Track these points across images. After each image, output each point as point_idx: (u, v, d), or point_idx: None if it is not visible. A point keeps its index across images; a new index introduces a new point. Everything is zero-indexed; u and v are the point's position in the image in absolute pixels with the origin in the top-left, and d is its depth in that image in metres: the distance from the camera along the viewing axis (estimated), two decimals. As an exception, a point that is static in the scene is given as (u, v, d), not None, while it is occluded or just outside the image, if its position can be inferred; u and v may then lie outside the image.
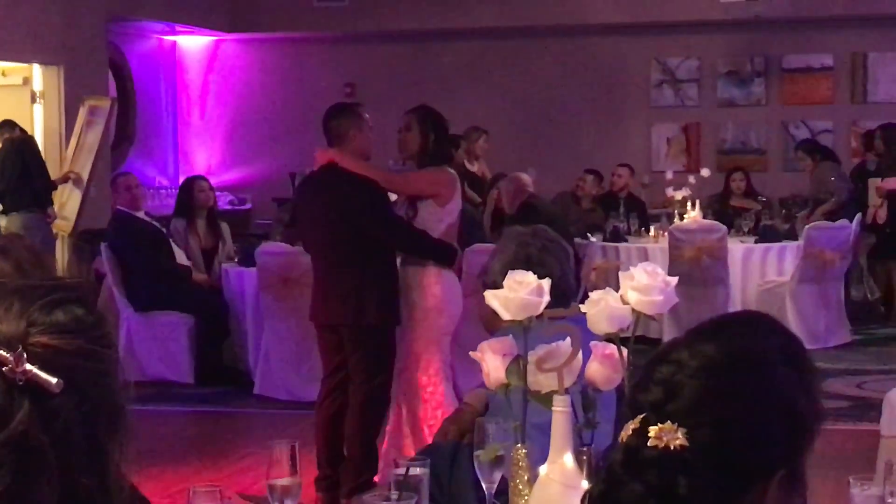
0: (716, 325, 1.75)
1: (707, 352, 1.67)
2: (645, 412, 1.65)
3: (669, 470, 1.61)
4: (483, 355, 2.68)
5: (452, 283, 6.48)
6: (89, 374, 1.52)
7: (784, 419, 1.65)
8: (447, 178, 6.42)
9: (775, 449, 1.64)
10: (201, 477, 6.87)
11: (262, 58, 16.39)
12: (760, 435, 1.64)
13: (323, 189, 6.45)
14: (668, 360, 1.68)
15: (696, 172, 13.23)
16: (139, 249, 9.74)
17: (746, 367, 1.66)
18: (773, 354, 1.68)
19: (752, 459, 1.63)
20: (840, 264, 11.00)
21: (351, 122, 6.44)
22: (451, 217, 6.42)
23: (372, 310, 6.28)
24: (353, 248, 6.32)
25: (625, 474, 1.64)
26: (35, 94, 12.98)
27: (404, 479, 2.75)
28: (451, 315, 6.43)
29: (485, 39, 15.49)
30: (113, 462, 1.54)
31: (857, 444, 7.40)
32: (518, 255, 3.67)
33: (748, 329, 1.72)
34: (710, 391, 1.64)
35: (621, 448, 1.66)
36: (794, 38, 15.05)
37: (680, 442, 1.61)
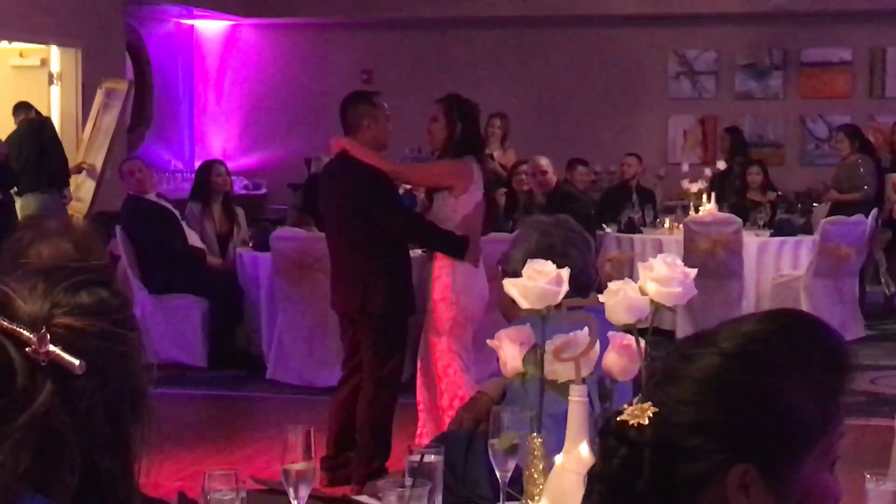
0: (749, 319, 1.72)
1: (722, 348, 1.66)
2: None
3: (638, 444, 1.62)
4: (501, 343, 2.68)
5: (467, 273, 6.38)
6: (112, 356, 1.53)
7: (765, 419, 1.62)
8: (461, 168, 6.34)
9: (733, 443, 1.62)
10: (213, 460, 6.88)
11: (279, 43, 16.39)
12: (712, 424, 1.62)
13: (335, 177, 6.51)
14: (691, 348, 1.68)
15: (712, 165, 13.23)
16: (151, 232, 9.76)
17: (745, 365, 1.64)
18: (790, 358, 1.65)
19: (695, 444, 1.62)
20: (855, 259, 10.98)
21: (365, 112, 6.43)
22: (467, 208, 6.35)
23: (378, 298, 6.30)
24: (360, 237, 6.36)
25: (608, 453, 1.67)
26: (53, 76, 13.00)
27: (419, 466, 2.75)
28: (465, 306, 6.36)
29: (503, 28, 15.47)
30: (135, 446, 1.53)
31: (871, 440, 7.37)
32: (541, 245, 3.66)
33: (777, 328, 1.70)
34: (698, 383, 1.64)
35: (607, 423, 1.69)
36: (813, 31, 15.00)
37: (639, 420, 1.62)
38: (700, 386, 1.63)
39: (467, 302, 6.39)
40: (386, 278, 6.31)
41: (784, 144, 15.14)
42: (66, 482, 1.48)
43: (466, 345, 6.44)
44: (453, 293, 6.34)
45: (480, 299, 6.46)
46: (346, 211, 6.39)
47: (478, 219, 6.45)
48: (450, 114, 6.43)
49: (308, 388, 8.95)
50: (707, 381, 1.63)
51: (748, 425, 1.61)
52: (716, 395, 1.63)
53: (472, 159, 6.42)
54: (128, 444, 1.54)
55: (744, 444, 1.61)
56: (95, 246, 3.00)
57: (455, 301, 6.34)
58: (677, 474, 1.61)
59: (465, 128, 6.41)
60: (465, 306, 6.38)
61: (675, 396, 1.64)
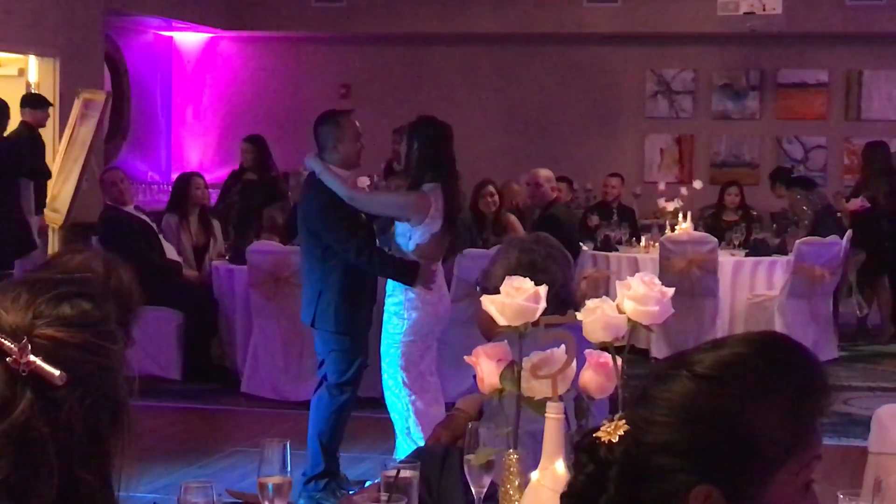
0: (728, 342, 1.74)
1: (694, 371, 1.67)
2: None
3: (590, 457, 1.66)
4: (478, 360, 2.69)
5: (419, 291, 6.37)
6: (93, 368, 1.52)
7: (730, 442, 1.63)
8: (417, 202, 6.33)
9: (698, 464, 1.63)
10: (187, 473, 6.86)
11: (257, 56, 16.39)
12: (678, 445, 1.63)
13: (301, 196, 6.78)
14: (665, 369, 1.69)
15: (688, 184, 13.27)
16: (128, 244, 9.71)
17: (714, 390, 1.65)
18: (761, 383, 1.66)
19: (661, 464, 1.64)
20: (829, 280, 11.02)
21: (330, 132, 6.50)
22: (422, 238, 6.36)
23: (328, 315, 6.44)
24: (314, 254, 6.52)
25: (579, 469, 1.70)
26: (30, 86, 12.96)
27: (394, 481, 2.76)
28: (413, 322, 6.36)
29: (482, 45, 15.51)
30: (114, 457, 1.53)
31: (842, 460, 7.40)
32: (522, 261, 3.67)
33: (752, 352, 1.70)
34: (668, 404, 1.65)
35: (581, 440, 1.72)
36: (790, 53, 15.09)
37: (611, 438, 1.65)
38: (670, 408, 1.65)
39: (418, 317, 6.37)
40: (336, 296, 6.42)
41: (760, 165, 15.20)
42: (44, 493, 1.47)
43: (416, 360, 6.41)
44: (405, 310, 6.34)
45: (434, 315, 6.44)
46: (303, 230, 6.56)
47: (434, 246, 6.39)
48: (410, 138, 6.45)
49: (282, 402, 8.94)
50: (677, 403, 1.65)
51: (713, 448, 1.63)
52: (684, 418, 1.64)
53: (435, 186, 6.35)
54: (107, 455, 1.54)
55: (708, 466, 1.62)
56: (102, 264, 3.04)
57: (407, 317, 6.34)
58: (641, 493, 1.63)
59: (426, 151, 6.39)
60: (416, 321, 6.36)
61: (646, 416, 1.65)
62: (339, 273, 6.43)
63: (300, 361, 8.95)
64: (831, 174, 14.98)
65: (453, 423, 3.61)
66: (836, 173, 15.01)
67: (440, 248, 6.47)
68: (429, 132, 6.45)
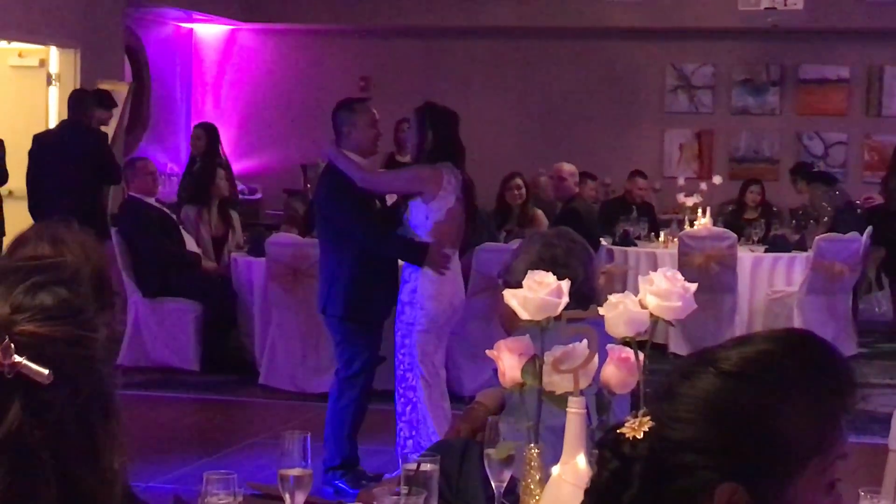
0: (754, 339, 1.73)
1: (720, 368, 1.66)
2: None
3: (614, 453, 1.66)
4: (500, 354, 2.69)
5: (434, 278, 6.35)
6: (79, 361, 1.43)
7: (756, 441, 1.63)
8: (429, 174, 6.33)
9: (723, 462, 1.62)
10: (206, 464, 6.88)
11: (277, 48, 16.39)
12: (703, 442, 1.63)
13: (317, 183, 6.89)
14: (691, 366, 1.69)
15: (707, 179, 13.24)
16: (149, 235, 9.75)
17: (741, 387, 1.65)
18: (786, 381, 1.66)
19: (685, 461, 1.63)
20: (849, 276, 10.99)
21: (345, 118, 6.56)
22: (438, 214, 6.33)
23: (338, 301, 6.48)
24: (327, 239, 6.62)
25: (602, 465, 1.69)
26: (51, 77, 12.99)
27: (415, 474, 2.76)
28: (428, 311, 6.34)
29: (501, 39, 15.48)
30: (108, 451, 1.44)
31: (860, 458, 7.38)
32: (543, 256, 3.67)
33: (777, 350, 1.70)
34: (694, 401, 1.65)
35: (609, 438, 1.70)
36: (811, 48, 15.03)
37: (635, 434, 1.64)
38: (695, 405, 1.64)
39: (433, 307, 6.35)
40: (347, 282, 6.45)
41: (780, 160, 15.15)
42: (45, 499, 1.38)
43: (430, 351, 6.38)
44: (420, 297, 6.32)
45: (450, 306, 6.41)
46: (319, 217, 6.67)
47: (450, 225, 6.37)
48: (422, 122, 6.45)
49: (300, 394, 8.96)
50: (702, 400, 1.64)
51: (739, 446, 1.62)
52: (709, 415, 1.64)
53: (447, 166, 6.37)
54: (101, 451, 1.45)
55: (733, 464, 1.62)
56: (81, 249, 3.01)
57: (420, 306, 6.32)
58: (665, 490, 1.63)
59: (437, 136, 6.39)
60: (429, 311, 6.34)
61: (671, 413, 1.65)
62: (351, 259, 6.45)
63: (318, 353, 8.97)
64: (851, 170, 14.93)
65: (472, 417, 3.61)
66: (856, 169, 14.96)
67: (457, 231, 6.43)
68: (442, 118, 6.47)
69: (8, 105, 12.50)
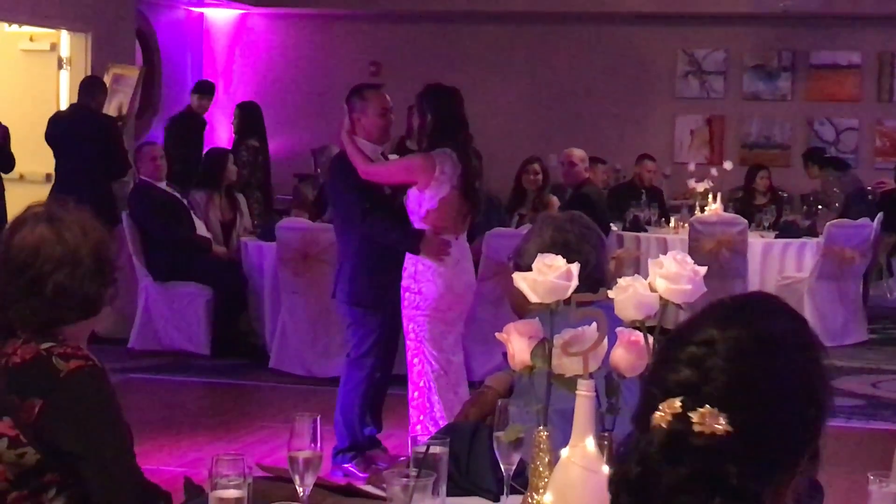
0: (735, 306, 1.74)
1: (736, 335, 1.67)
2: (676, 393, 1.64)
3: (718, 457, 1.60)
4: (509, 337, 2.69)
5: (430, 263, 6.30)
6: None
7: (807, 401, 1.66)
8: (421, 163, 6.28)
9: (805, 430, 1.65)
10: (216, 447, 6.90)
11: (288, 33, 16.39)
12: (793, 418, 1.65)
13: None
14: (696, 342, 1.67)
15: (718, 165, 13.23)
16: (159, 220, 9.77)
17: (774, 350, 1.67)
18: (790, 337, 1.70)
19: (788, 443, 1.64)
20: (860, 262, 10.98)
21: (358, 107, 6.57)
22: (431, 202, 6.27)
23: (344, 285, 6.58)
24: (337, 226, 6.80)
25: (665, 459, 1.62)
26: (62, 61, 13.00)
27: (424, 456, 2.76)
28: (427, 296, 6.29)
29: (512, 23, 15.47)
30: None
31: (870, 443, 7.39)
32: (556, 240, 3.67)
33: (767, 312, 1.73)
34: (743, 375, 1.64)
35: (663, 432, 1.63)
36: (823, 34, 14.99)
37: (724, 428, 1.60)
38: (786, 390, 1.66)
39: (432, 291, 6.30)
40: (352, 269, 6.52)
41: (791, 146, 15.12)
42: None
43: (437, 336, 6.33)
44: (417, 282, 6.31)
45: (450, 292, 6.33)
46: (330, 203, 6.78)
47: (444, 213, 6.30)
48: (420, 106, 6.43)
49: (310, 378, 8.97)
50: (792, 384, 1.66)
51: (805, 414, 1.66)
52: (799, 399, 1.66)
53: (444, 151, 6.28)
54: None
55: (809, 432, 1.67)
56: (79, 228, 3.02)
57: (418, 291, 6.31)
58: (759, 485, 1.62)
59: (437, 117, 6.33)
60: (428, 296, 6.30)
61: (762, 403, 1.64)
62: (355, 245, 6.50)
63: (328, 338, 8.98)
64: (863, 156, 14.90)
65: (482, 401, 3.61)
66: (867, 155, 14.92)
67: (453, 219, 6.35)
68: (439, 100, 6.40)
69: (19, 89, 12.52)
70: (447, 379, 6.36)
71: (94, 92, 10.62)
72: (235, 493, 2.55)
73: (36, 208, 3.08)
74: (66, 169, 10.29)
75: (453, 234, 6.35)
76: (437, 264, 6.27)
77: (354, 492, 3.02)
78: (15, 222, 3.06)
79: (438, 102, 6.38)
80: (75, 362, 2.89)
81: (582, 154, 10.55)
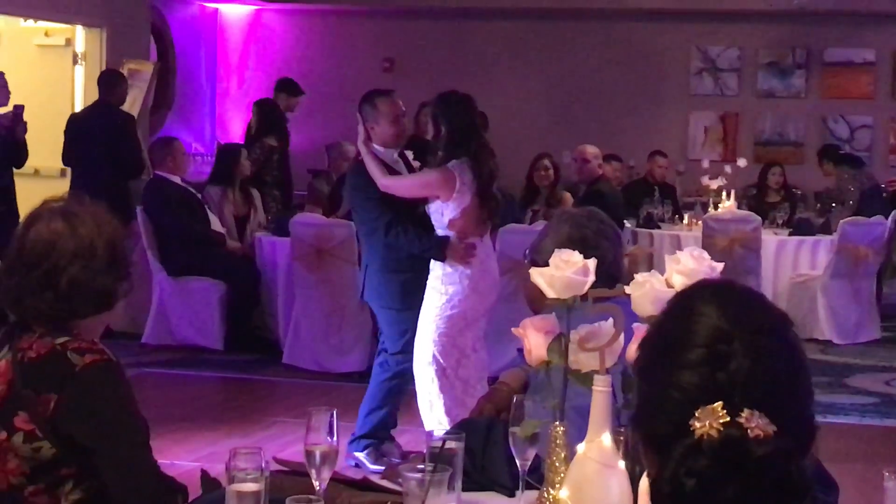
0: (746, 301, 1.73)
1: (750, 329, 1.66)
2: (706, 399, 1.61)
3: (780, 459, 1.57)
4: (526, 332, 2.69)
5: (458, 265, 6.34)
6: None
7: (809, 378, 1.70)
8: (442, 178, 6.28)
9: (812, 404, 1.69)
10: (230, 441, 6.91)
11: (302, 29, 16.39)
12: (811, 399, 1.68)
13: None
14: (705, 342, 1.66)
15: (732, 162, 13.21)
16: (174, 214, 9.78)
17: (785, 338, 1.68)
18: (783, 320, 1.72)
19: (812, 425, 1.66)
20: (873, 260, 10.96)
21: (370, 116, 6.61)
22: (454, 212, 6.31)
23: (370, 288, 6.68)
24: (359, 229, 6.93)
25: (725, 470, 1.57)
26: (77, 56, 13.03)
27: (439, 451, 2.77)
28: (453, 297, 6.31)
29: (526, 20, 15.45)
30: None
31: (883, 441, 7.38)
32: (573, 236, 3.67)
33: (753, 300, 1.73)
34: (769, 371, 1.64)
35: (715, 442, 1.57)
36: (837, 31, 14.96)
37: (772, 427, 1.57)
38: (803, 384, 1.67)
39: (457, 293, 6.32)
40: (378, 272, 6.61)
41: (804, 144, 15.10)
42: None
43: (454, 334, 6.34)
44: (443, 284, 6.33)
45: (475, 293, 6.36)
46: (349, 205, 6.92)
47: (467, 220, 6.33)
48: (435, 118, 6.43)
49: (323, 374, 8.99)
50: (801, 375, 1.68)
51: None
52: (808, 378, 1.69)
53: (460, 162, 6.28)
54: None
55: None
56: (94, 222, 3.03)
57: (444, 292, 6.33)
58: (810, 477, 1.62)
59: (451, 128, 6.33)
60: (451, 297, 6.32)
61: (791, 393, 1.65)
62: (380, 248, 6.57)
63: (341, 333, 8.99)
64: (877, 154, 14.86)
65: (497, 397, 3.61)
66: (881, 153, 14.89)
67: (475, 223, 6.38)
68: (451, 109, 6.39)
69: (34, 84, 12.53)
70: (455, 376, 6.37)
71: (114, 85, 10.66)
72: (253, 487, 2.56)
73: (52, 203, 3.10)
74: (81, 166, 10.32)
75: (477, 236, 6.39)
76: (465, 267, 6.31)
77: (370, 486, 3.03)
78: (30, 217, 3.08)
79: (452, 113, 6.38)
80: (90, 356, 2.90)
81: (595, 151, 10.55)
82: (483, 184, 6.33)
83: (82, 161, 10.34)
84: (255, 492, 2.55)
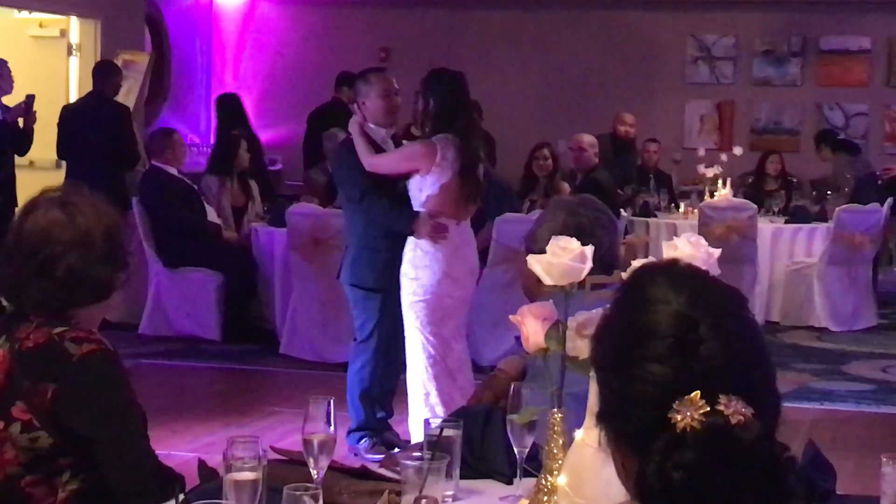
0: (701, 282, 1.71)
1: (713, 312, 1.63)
2: (678, 388, 1.57)
3: (766, 443, 1.56)
4: (523, 319, 2.69)
5: (427, 249, 6.28)
6: None
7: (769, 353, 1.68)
8: (421, 151, 6.28)
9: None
10: (227, 431, 6.92)
11: (297, 19, 16.37)
12: (776, 383, 1.66)
13: None
14: (673, 332, 1.61)
15: (728, 150, 13.21)
16: (170, 205, 9.78)
17: (748, 317, 1.67)
18: (739, 297, 1.71)
19: (779, 406, 1.64)
20: (869, 247, 10.97)
21: (362, 90, 6.61)
22: (433, 187, 6.27)
23: (348, 267, 6.62)
24: (343, 207, 6.93)
25: (713, 461, 1.54)
26: (71, 47, 13.01)
27: (437, 439, 2.77)
28: (425, 282, 6.27)
29: (522, 9, 15.44)
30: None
31: (880, 427, 7.40)
32: (568, 224, 3.66)
33: (707, 281, 1.72)
34: (741, 352, 1.61)
35: (699, 433, 1.54)
36: (832, 19, 14.95)
37: (750, 410, 1.54)
38: (767, 361, 1.65)
39: (427, 276, 6.28)
40: (355, 250, 6.58)
41: (800, 132, 15.09)
42: None
43: (434, 322, 6.30)
44: (415, 268, 6.30)
45: (447, 277, 6.29)
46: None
47: (443, 198, 6.27)
48: (423, 91, 6.41)
49: (320, 364, 8.99)
50: (765, 352, 1.66)
51: None
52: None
53: (445, 137, 6.26)
54: None
55: None
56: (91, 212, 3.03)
57: (415, 276, 6.30)
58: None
59: (438, 103, 6.31)
60: (425, 281, 6.28)
61: (762, 373, 1.63)
62: (359, 228, 6.54)
63: (338, 323, 8.99)
64: (872, 141, 14.86)
65: (494, 384, 3.62)
66: (877, 140, 14.89)
67: (454, 203, 6.31)
68: (441, 86, 6.38)
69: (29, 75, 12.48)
70: (444, 365, 6.35)
71: (109, 76, 10.65)
72: (251, 476, 2.56)
73: (50, 192, 3.09)
74: (76, 157, 10.32)
75: (454, 219, 6.32)
76: (435, 249, 6.26)
77: (368, 474, 3.03)
78: (28, 206, 3.07)
79: (440, 88, 6.36)
80: (88, 346, 2.89)
81: (591, 139, 10.55)
82: (466, 162, 6.29)
83: (77, 152, 10.34)
84: (253, 481, 2.55)
